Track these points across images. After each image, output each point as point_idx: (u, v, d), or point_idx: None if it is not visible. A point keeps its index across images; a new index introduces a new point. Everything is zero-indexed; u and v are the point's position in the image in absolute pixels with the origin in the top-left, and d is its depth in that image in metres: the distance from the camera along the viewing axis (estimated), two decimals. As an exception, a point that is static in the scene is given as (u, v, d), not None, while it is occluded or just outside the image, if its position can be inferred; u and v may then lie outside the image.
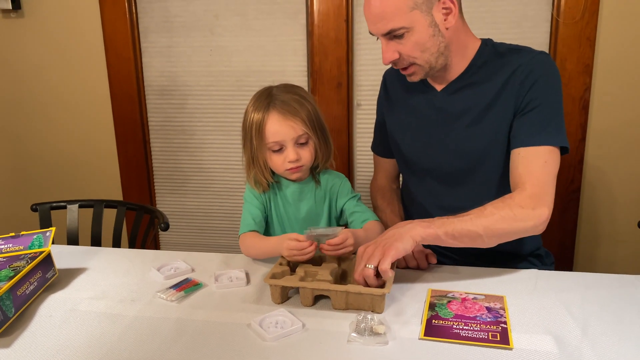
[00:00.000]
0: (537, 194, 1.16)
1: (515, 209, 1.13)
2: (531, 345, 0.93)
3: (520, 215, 1.13)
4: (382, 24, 1.17)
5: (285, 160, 1.28)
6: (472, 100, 1.27)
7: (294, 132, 1.26)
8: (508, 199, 1.16)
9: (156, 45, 2.25)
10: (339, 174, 1.41)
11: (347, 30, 2.05)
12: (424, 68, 1.24)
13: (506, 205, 1.14)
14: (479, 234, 1.12)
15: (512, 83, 1.23)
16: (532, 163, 1.19)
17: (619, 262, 2.07)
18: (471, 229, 1.11)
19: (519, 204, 1.14)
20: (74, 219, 1.80)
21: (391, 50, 1.21)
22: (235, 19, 2.16)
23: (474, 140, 1.28)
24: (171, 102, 2.31)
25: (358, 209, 1.37)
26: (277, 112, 1.26)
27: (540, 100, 1.21)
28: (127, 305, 1.11)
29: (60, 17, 2.27)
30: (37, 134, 2.45)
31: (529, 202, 1.15)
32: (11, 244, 1.23)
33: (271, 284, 1.09)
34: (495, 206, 1.15)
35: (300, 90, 1.33)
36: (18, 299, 1.06)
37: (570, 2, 1.86)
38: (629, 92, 1.92)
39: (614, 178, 2.00)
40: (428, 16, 1.17)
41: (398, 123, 1.42)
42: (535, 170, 1.19)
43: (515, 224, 1.14)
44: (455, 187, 1.34)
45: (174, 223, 2.42)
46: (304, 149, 1.29)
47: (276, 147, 1.28)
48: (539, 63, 1.23)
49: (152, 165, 2.40)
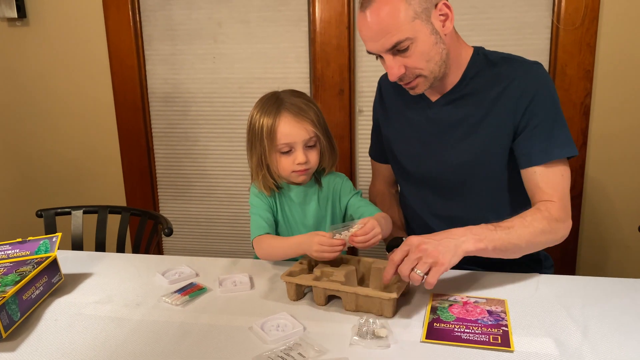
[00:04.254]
0: (564, 206, 1.20)
1: (553, 223, 1.17)
2: (532, 348, 0.94)
3: (555, 228, 1.17)
4: (386, 39, 1.15)
5: (294, 162, 1.29)
6: (466, 112, 1.27)
7: (305, 134, 1.27)
8: (545, 211, 1.18)
9: (160, 53, 2.27)
10: (339, 173, 1.42)
11: (349, 38, 2.06)
12: (429, 79, 1.22)
13: (544, 218, 1.16)
14: (521, 247, 1.15)
15: (507, 96, 1.23)
16: (553, 179, 1.21)
17: (621, 267, 2.07)
18: (515, 242, 1.13)
19: (556, 218, 1.18)
20: (79, 224, 1.82)
21: (397, 65, 1.18)
22: (238, 26, 2.18)
23: (467, 152, 1.28)
24: (174, 109, 2.33)
25: (362, 203, 1.38)
26: (290, 114, 1.27)
27: (542, 116, 1.21)
28: (132, 310, 1.12)
29: (65, 26, 2.30)
30: (42, 141, 2.47)
31: (562, 215, 1.19)
32: (18, 249, 1.25)
33: (286, 281, 1.13)
34: (534, 218, 1.16)
35: (306, 95, 1.35)
36: (24, 303, 1.07)
37: (571, 8, 1.88)
38: (629, 97, 1.93)
39: (616, 183, 2.01)
40: (428, 24, 1.16)
41: (393, 132, 1.43)
42: (557, 185, 1.21)
43: (551, 237, 1.18)
44: (450, 197, 1.35)
45: (177, 229, 2.43)
46: (311, 152, 1.30)
47: (286, 149, 1.29)
48: (534, 77, 1.23)
49: (155, 172, 2.42)
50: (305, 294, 1.16)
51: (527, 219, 1.16)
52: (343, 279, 1.11)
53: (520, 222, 1.15)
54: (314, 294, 1.11)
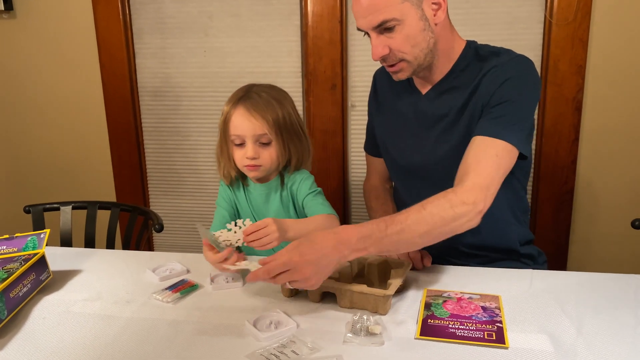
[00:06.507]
0: (478, 184, 1.10)
1: (457, 207, 1.07)
2: (526, 344, 0.93)
3: (460, 212, 1.07)
4: (374, 16, 1.16)
5: (244, 156, 1.29)
6: (451, 104, 1.27)
7: (255, 130, 1.28)
8: (451, 193, 1.09)
9: (150, 47, 2.24)
10: (303, 171, 1.39)
11: (342, 32, 2.05)
12: (412, 64, 1.22)
13: (447, 202, 1.07)
14: (416, 242, 1.08)
15: (484, 83, 1.22)
16: (483, 153, 1.14)
17: (613, 262, 2.08)
18: (409, 239, 1.05)
19: (462, 201, 1.07)
20: (68, 220, 1.79)
21: (381, 44, 1.19)
22: (229, 20, 2.15)
23: (451, 142, 1.27)
24: (165, 104, 2.30)
25: (314, 203, 1.33)
26: (243, 107, 1.29)
27: (508, 97, 1.18)
28: (122, 307, 1.11)
29: (53, 18, 2.26)
30: (30, 135, 2.44)
31: (469, 196, 1.08)
32: (5, 245, 1.23)
33: None
34: (435, 205, 1.07)
35: (280, 94, 1.34)
36: (11, 301, 1.05)
37: (563, 3, 1.87)
38: (621, 92, 1.93)
39: (607, 178, 2.01)
40: (418, 9, 1.17)
41: (385, 125, 1.43)
42: (483, 161, 1.13)
43: (454, 224, 1.07)
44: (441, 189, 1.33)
45: (168, 224, 2.41)
46: (264, 150, 1.30)
47: (237, 141, 1.30)
48: (515, 64, 1.22)
49: (145, 167, 2.39)
50: (300, 291, 1.14)
51: (426, 207, 1.07)
52: (337, 276, 1.10)
53: (416, 212, 1.06)
54: (309, 291, 1.10)
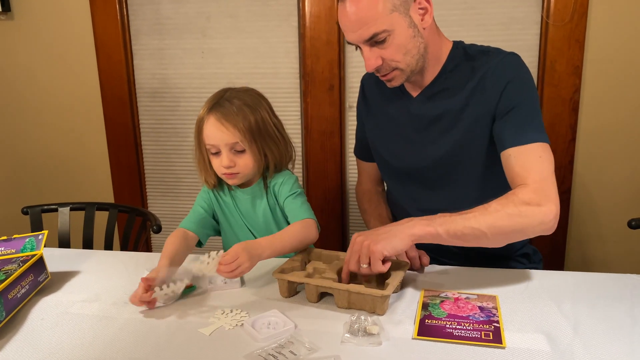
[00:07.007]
0: (540, 188, 1.12)
1: (520, 206, 1.10)
2: (523, 344, 0.94)
3: (526, 212, 1.10)
4: (364, 30, 1.16)
5: (221, 164, 1.28)
6: (445, 106, 1.27)
7: (228, 139, 1.25)
8: (512, 195, 1.13)
9: (147, 48, 2.24)
10: (285, 172, 1.37)
11: (339, 33, 2.05)
12: (405, 72, 1.23)
13: (510, 202, 1.11)
14: (484, 232, 1.09)
15: (483, 87, 1.23)
16: (527, 160, 1.16)
17: (609, 262, 2.09)
18: (475, 226, 1.08)
19: (524, 201, 1.10)
20: (66, 222, 1.79)
21: (374, 56, 1.19)
22: (227, 21, 2.16)
23: (448, 145, 1.28)
24: (163, 105, 2.30)
25: (293, 206, 1.31)
26: (214, 117, 1.25)
27: (517, 101, 1.20)
28: (120, 308, 1.11)
29: (51, 20, 2.26)
30: (28, 137, 2.43)
31: (533, 198, 1.11)
32: (3, 247, 1.23)
33: (278, 278, 1.12)
34: (499, 203, 1.11)
35: (254, 98, 1.30)
36: (9, 302, 1.05)
37: (560, 4, 1.88)
38: (618, 93, 1.94)
39: (604, 178, 2.02)
40: (407, 17, 1.17)
41: (376, 129, 1.42)
42: (532, 166, 1.15)
43: (522, 221, 1.10)
44: (435, 191, 1.34)
45: (166, 225, 2.40)
46: (240, 157, 1.27)
47: (213, 150, 1.28)
48: (509, 65, 1.23)
49: (143, 168, 2.39)
50: (298, 291, 1.15)
51: (492, 204, 1.11)
52: (335, 276, 1.10)
53: (482, 208, 1.11)
54: (306, 291, 1.11)
